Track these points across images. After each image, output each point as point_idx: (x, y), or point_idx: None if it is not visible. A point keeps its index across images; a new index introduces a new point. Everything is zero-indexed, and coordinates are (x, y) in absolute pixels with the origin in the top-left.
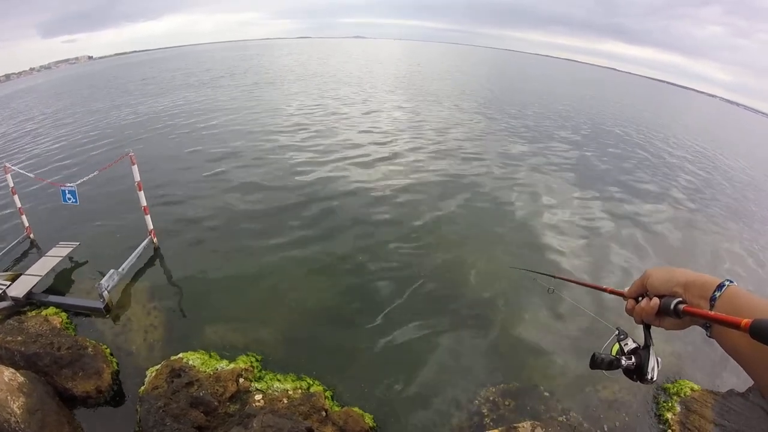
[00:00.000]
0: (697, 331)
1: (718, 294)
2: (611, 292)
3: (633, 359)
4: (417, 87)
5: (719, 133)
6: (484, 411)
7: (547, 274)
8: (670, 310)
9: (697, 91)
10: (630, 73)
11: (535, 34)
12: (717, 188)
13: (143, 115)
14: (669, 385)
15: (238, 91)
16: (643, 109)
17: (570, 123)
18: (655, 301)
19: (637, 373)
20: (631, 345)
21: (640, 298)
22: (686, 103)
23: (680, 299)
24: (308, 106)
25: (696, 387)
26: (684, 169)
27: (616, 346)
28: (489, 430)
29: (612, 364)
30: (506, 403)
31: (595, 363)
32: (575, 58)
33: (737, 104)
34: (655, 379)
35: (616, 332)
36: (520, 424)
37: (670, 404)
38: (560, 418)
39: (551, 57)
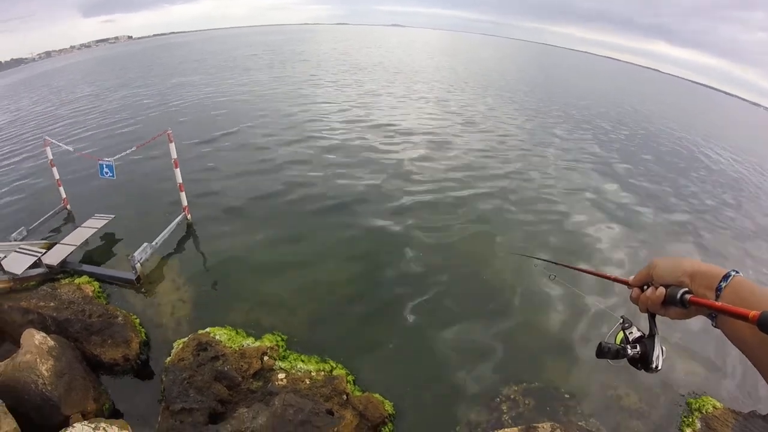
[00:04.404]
0: (714, 340)
1: (723, 284)
2: (615, 280)
3: (638, 348)
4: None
5: None
6: (504, 408)
7: (549, 261)
8: (676, 299)
9: (742, 99)
10: (674, 75)
11: (574, 29)
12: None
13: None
14: (692, 400)
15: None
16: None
17: (615, 123)
18: (661, 290)
19: (642, 362)
20: (635, 334)
21: (645, 287)
22: (740, 113)
23: (686, 289)
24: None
25: (719, 405)
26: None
27: (621, 335)
28: (507, 427)
29: (618, 354)
30: (526, 402)
31: (602, 352)
32: (616, 56)
33: None
34: (660, 367)
35: (621, 321)
36: (539, 425)
37: (690, 420)
38: (580, 423)
39: (591, 54)
